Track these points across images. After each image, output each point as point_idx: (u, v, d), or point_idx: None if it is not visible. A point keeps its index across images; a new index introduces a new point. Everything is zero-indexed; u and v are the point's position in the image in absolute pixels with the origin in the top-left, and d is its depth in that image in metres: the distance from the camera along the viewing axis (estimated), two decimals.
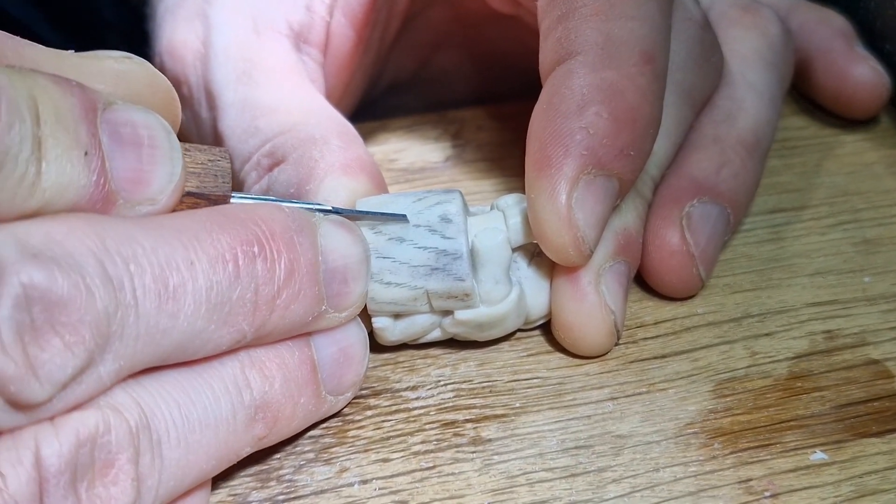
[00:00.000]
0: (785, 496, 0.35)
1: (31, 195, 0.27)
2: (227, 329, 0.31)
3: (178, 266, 0.29)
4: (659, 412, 0.38)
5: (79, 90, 0.29)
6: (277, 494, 0.34)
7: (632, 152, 0.36)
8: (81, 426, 0.28)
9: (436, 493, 0.35)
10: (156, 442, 0.29)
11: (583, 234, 0.36)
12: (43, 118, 0.27)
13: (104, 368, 0.28)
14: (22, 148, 0.27)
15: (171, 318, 0.29)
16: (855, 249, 0.45)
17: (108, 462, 0.28)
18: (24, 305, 0.26)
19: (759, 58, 0.48)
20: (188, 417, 0.30)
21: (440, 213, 0.37)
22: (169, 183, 0.31)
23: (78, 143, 0.28)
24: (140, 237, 0.29)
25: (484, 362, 0.39)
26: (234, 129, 0.43)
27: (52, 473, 0.27)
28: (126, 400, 0.29)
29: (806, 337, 0.41)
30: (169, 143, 0.31)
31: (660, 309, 0.42)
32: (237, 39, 0.45)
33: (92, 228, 0.28)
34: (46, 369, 0.27)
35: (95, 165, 0.29)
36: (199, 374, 0.31)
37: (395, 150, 0.51)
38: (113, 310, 0.28)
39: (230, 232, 0.31)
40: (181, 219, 0.31)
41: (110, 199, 0.29)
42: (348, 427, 0.37)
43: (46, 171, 0.27)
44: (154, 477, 0.29)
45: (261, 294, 0.32)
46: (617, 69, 0.36)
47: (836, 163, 0.51)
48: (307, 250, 0.33)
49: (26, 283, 0.26)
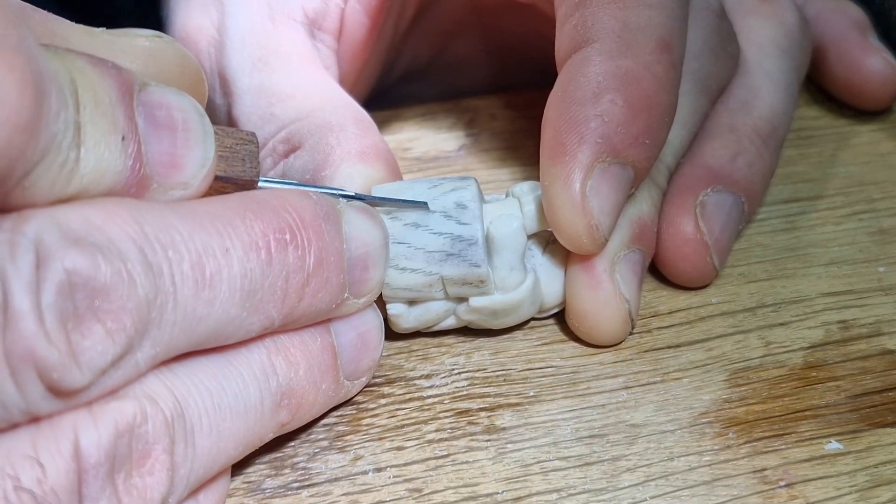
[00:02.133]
0: (800, 486, 0.35)
1: (69, 181, 0.27)
2: (258, 316, 0.31)
3: (214, 253, 0.29)
4: (673, 401, 0.37)
5: (115, 72, 0.29)
6: (292, 482, 0.34)
7: (647, 140, 0.36)
8: (120, 416, 0.28)
9: (450, 481, 0.35)
10: (189, 431, 0.29)
11: (597, 222, 0.36)
12: (82, 103, 0.27)
13: (142, 355, 0.28)
14: (66, 135, 0.26)
15: (208, 305, 0.29)
16: (870, 239, 0.45)
17: (145, 452, 0.28)
18: (68, 292, 0.26)
19: (776, 46, 0.47)
20: (220, 405, 0.30)
21: (455, 200, 0.37)
22: (202, 167, 0.30)
23: (115, 127, 0.28)
24: (177, 224, 0.29)
25: (498, 351, 0.39)
26: (249, 115, 0.43)
27: (92, 465, 0.27)
28: (161, 389, 0.29)
29: (821, 327, 0.41)
30: (202, 127, 0.31)
31: (674, 298, 0.42)
32: (252, 26, 0.45)
33: (130, 214, 0.28)
34: (87, 356, 0.26)
35: (132, 150, 0.28)
36: (228, 362, 0.31)
37: (409, 139, 0.51)
38: (153, 297, 0.27)
39: (263, 219, 0.31)
40: (214, 205, 0.30)
41: (145, 183, 0.29)
42: (362, 415, 0.37)
43: (85, 157, 0.27)
44: (187, 466, 0.29)
45: (291, 282, 0.32)
46: (633, 57, 0.36)
47: (852, 153, 0.51)
48: (334, 238, 0.33)
49: (70, 270, 0.26)
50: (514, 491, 0.34)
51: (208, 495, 0.32)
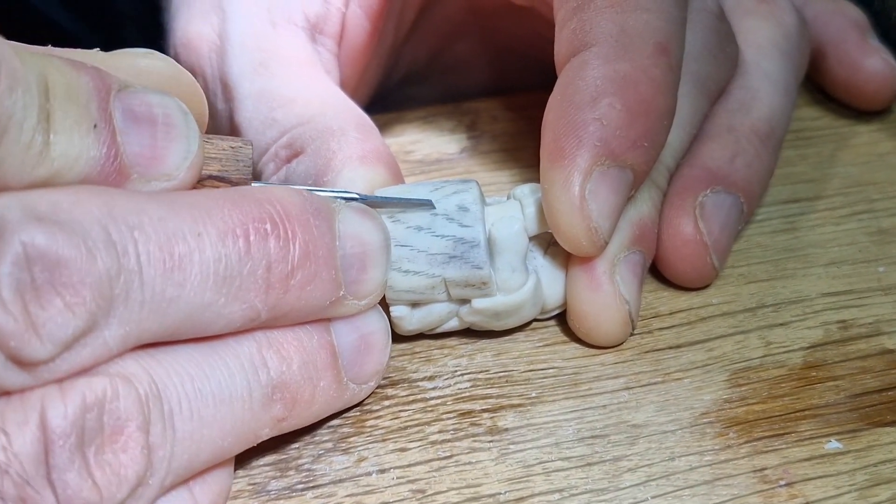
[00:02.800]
0: (800, 485, 0.35)
1: (38, 164, 0.28)
2: (239, 305, 0.31)
3: (184, 236, 0.30)
4: (674, 402, 0.38)
5: (94, 72, 0.30)
6: (296, 483, 0.35)
7: (645, 143, 0.37)
8: (88, 391, 0.28)
9: (453, 482, 0.35)
10: (167, 413, 0.30)
11: (596, 225, 0.36)
12: (52, 93, 0.28)
13: (109, 333, 0.28)
14: (26, 115, 0.27)
15: (178, 286, 0.29)
16: (870, 239, 0.45)
17: (116, 428, 0.29)
18: (25, 264, 0.27)
19: (774, 47, 0.48)
20: (201, 391, 0.31)
21: (457, 202, 0.37)
22: (184, 160, 0.31)
23: (87, 116, 0.29)
24: (148, 208, 0.29)
25: (500, 352, 0.40)
26: (251, 120, 0.43)
27: (58, 435, 0.27)
28: (137, 370, 0.29)
29: (820, 327, 0.41)
30: (185, 122, 0.31)
31: (675, 299, 0.42)
32: (253, 31, 0.45)
33: (100, 198, 0.29)
34: (48, 328, 0.27)
35: (105, 138, 0.29)
36: (213, 350, 0.32)
37: (411, 142, 0.51)
38: (115, 273, 0.28)
39: (243, 209, 0.31)
40: (194, 195, 0.31)
41: (123, 172, 0.30)
42: (366, 417, 0.37)
43: (55, 142, 0.28)
44: (166, 448, 0.30)
45: (273, 272, 0.32)
46: (631, 61, 0.36)
47: (851, 153, 0.51)
48: (324, 234, 0.33)
49: (27, 243, 0.27)
50: (516, 491, 0.34)
51: (203, 488, 0.32)
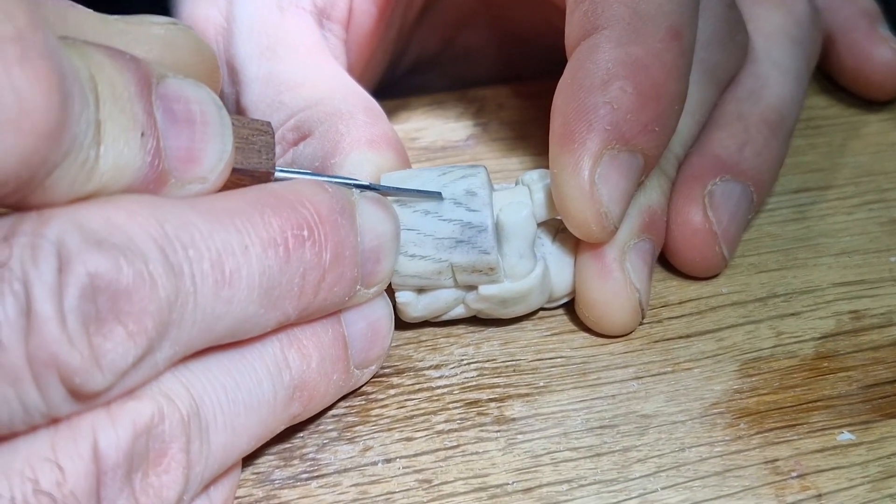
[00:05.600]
0: (812, 476, 0.34)
1: (89, 180, 0.27)
2: (275, 313, 0.31)
3: (233, 251, 0.29)
4: (684, 392, 0.37)
5: (133, 65, 0.28)
6: (301, 473, 0.34)
7: (656, 128, 0.36)
8: (137, 417, 0.27)
9: (460, 472, 0.34)
10: (204, 428, 0.29)
11: (606, 210, 0.36)
12: (102, 99, 0.27)
13: (161, 355, 0.28)
14: (87, 133, 0.26)
15: (227, 303, 0.29)
16: (881, 229, 0.45)
17: (161, 451, 0.28)
18: (91, 295, 0.26)
19: (785, 35, 0.47)
20: (234, 401, 0.30)
21: (465, 187, 0.37)
22: (220, 161, 0.30)
23: (135, 123, 0.27)
24: (196, 221, 0.28)
25: (507, 341, 0.39)
26: (258, 104, 0.43)
27: (111, 466, 0.27)
28: (177, 387, 0.29)
29: (832, 317, 0.40)
30: (220, 119, 0.30)
31: (684, 288, 0.42)
32: (261, 15, 0.45)
33: (151, 213, 0.27)
34: (109, 359, 0.26)
35: (151, 146, 0.28)
36: (242, 357, 0.31)
37: (417, 129, 0.51)
38: (174, 298, 0.27)
39: (281, 215, 0.30)
40: (233, 200, 0.30)
41: (163, 178, 0.29)
42: (371, 406, 0.37)
43: (104, 155, 0.27)
44: (202, 463, 0.29)
45: (307, 278, 0.31)
46: (643, 44, 0.36)
47: (861, 142, 0.51)
48: (349, 233, 0.33)
49: (92, 273, 0.26)
50: (524, 482, 0.34)
51: (219, 489, 0.31)
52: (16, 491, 0.26)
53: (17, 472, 0.26)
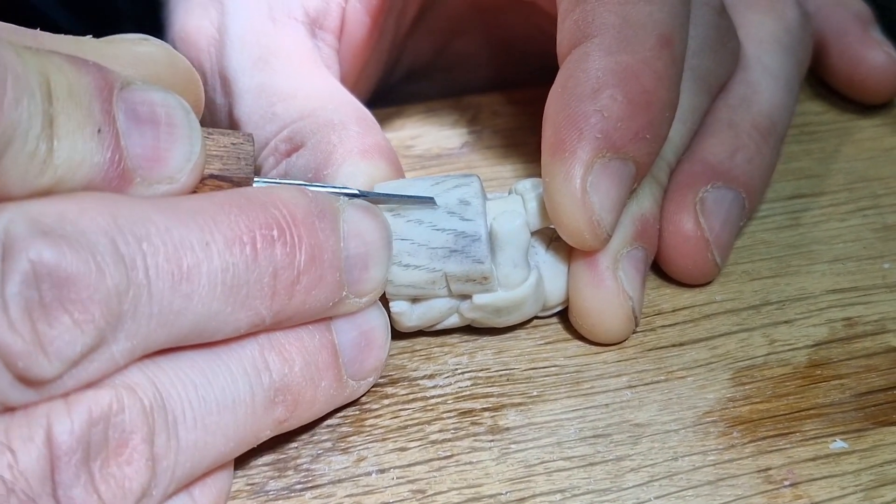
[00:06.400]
0: (805, 485, 0.34)
1: (42, 172, 0.27)
2: (245, 312, 0.31)
3: (192, 246, 0.29)
4: (677, 400, 0.37)
5: (95, 69, 0.29)
6: (295, 483, 0.34)
7: (647, 135, 0.36)
8: (94, 404, 0.28)
9: (453, 482, 0.34)
10: (171, 422, 0.29)
11: (598, 218, 0.36)
12: (55, 95, 0.27)
13: (117, 347, 0.28)
14: (32, 124, 0.27)
15: (186, 298, 0.29)
16: (875, 236, 0.45)
17: (122, 441, 0.28)
18: (33, 282, 0.26)
19: (776, 41, 0.47)
20: (205, 398, 0.30)
21: (459, 196, 0.37)
22: (187, 162, 0.30)
23: (91, 119, 0.28)
24: (155, 217, 0.29)
25: (501, 350, 0.39)
26: (250, 115, 0.43)
27: (64, 451, 0.27)
28: (141, 379, 0.29)
29: (825, 324, 0.41)
30: (188, 123, 0.31)
31: (678, 296, 0.42)
32: (253, 25, 0.45)
33: (105, 207, 0.28)
34: (55, 346, 0.27)
35: (109, 143, 0.29)
36: (216, 356, 0.31)
37: (411, 137, 0.51)
38: (124, 288, 0.28)
39: (249, 215, 0.31)
40: (199, 200, 0.30)
41: (127, 177, 0.29)
42: (365, 416, 0.37)
43: (58, 148, 0.27)
44: (170, 458, 0.29)
45: (280, 279, 0.31)
46: (633, 53, 0.36)
47: (855, 148, 0.51)
48: (329, 236, 0.33)
49: (35, 260, 0.26)
50: (517, 492, 0.34)
51: (204, 491, 0.32)
52: None
53: None
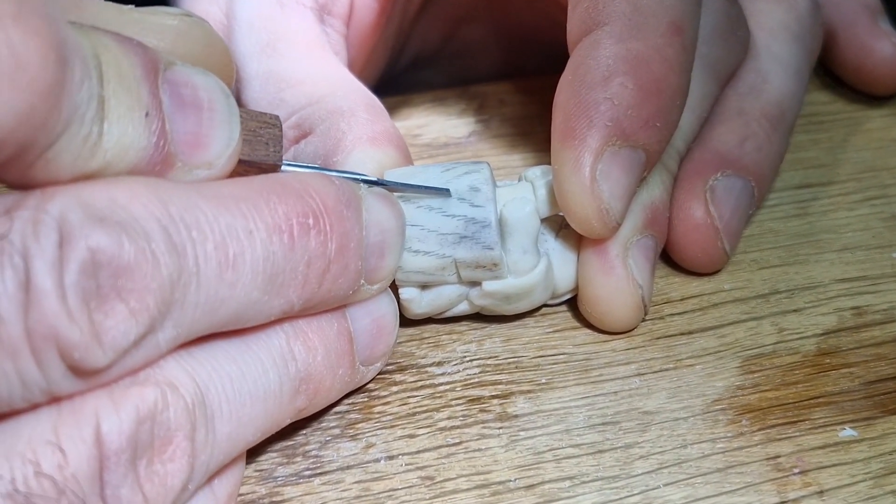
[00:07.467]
0: (814, 473, 0.34)
1: (92, 156, 0.27)
2: (278, 300, 0.31)
3: (238, 235, 0.29)
4: (686, 388, 0.37)
5: (141, 50, 0.28)
6: (303, 470, 0.34)
7: (658, 123, 0.36)
8: (141, 402, 0.27)
9: (462, 468, 0.34)
10: (210, 417, 0.29)
11: (607, 206, 0.36)
12: (106, 77, 0.27)
13: (163, 336, 0.28)
14: (89, 107, 0.26)
15: (230, 287, 0.29)
16: (883, 225, 0.45)
17: (166, 439, 0.28)
18: (91, 271, 0.26)
19: (786, 30, 0.47)
20: (240, 391, 0.30)
21: (469, 183, 0.37)
22: (227, 147, 0.30)
23: (139, 103, 0.28)
24: (201, 204, 0.28)
25: (510, 338, 0.39)
26: (258, 101, 0.43)
27: (114, 451, 0.27)
28: (182, 375, 0.29)
29: (834, 313, 0.40)
30: (228, 107, 0.30)
31: (687, 285, 0.42)
32: (261, 11, 0.44)
33: (155, 194, 0.28)
34: (110, 336, 0.26)
35: (156, 127, 0.28)
36: (248, 346, 0.31)
37: (419, 126, 0.51)
38: (176, 277, 0.27)
39: (287, 202, 0.31)
40: (239, 186, 0.30)
41: (169, 161, 0.29)
42: (374, 403, 0.37)
43: (108, 132, 0.27)
44: (207, 452, 0.29)
45: (312, 267, 0.31)
46: (644, 40, 0.36)
47: (864, 138, 0.50)
48: (354, 226, 0.33)
49: (93, 248, 0.26)
50: (526, 478, 0.34)
51: (223, 482, 0.31)
52: (17, 473, 0.26)
53: (19, 454, 0.26)
